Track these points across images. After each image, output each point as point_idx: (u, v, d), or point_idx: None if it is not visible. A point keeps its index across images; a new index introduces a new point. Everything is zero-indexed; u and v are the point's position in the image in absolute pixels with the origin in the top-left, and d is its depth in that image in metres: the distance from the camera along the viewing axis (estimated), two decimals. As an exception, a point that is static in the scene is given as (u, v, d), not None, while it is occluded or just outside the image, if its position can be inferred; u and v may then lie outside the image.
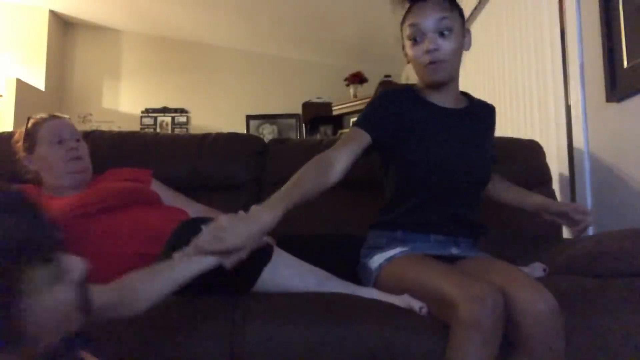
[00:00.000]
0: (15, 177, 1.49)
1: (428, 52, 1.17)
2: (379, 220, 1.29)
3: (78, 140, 1.46)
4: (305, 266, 1.15)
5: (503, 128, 2.51)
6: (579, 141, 1.75)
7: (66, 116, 1.53)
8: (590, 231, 1.67)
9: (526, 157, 1.77)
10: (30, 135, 1.44)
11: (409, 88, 1.32)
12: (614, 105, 1.56)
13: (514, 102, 2.41)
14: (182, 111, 5.21)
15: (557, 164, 1.91)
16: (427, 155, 1.21)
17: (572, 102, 1.82)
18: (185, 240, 0.99)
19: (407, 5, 1.24)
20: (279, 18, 4.29)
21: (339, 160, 1.16)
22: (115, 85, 5.21)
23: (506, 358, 0.95)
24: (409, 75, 4.83)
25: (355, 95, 4.34)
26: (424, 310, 1.03)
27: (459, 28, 1.20)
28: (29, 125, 1.46)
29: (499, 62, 2.60)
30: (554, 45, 1.99)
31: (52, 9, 4.79)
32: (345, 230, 1.58)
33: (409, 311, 1.04)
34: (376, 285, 1.18)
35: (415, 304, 1.04)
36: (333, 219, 1.65)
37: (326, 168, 1.14)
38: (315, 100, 4.59)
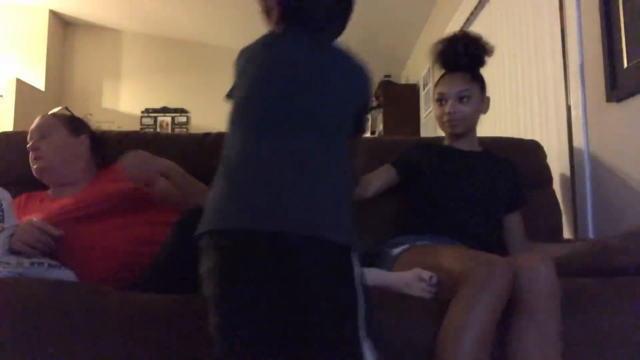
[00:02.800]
0: (19, 176, 1.49)
1: (448, 114, 1.50)
2: (406, 222, 1.49)
3: (42, 138, 1.41)
4: None
5: (503, 128, 2.51)
6: (579, 141, 1.75)
7: (57, 109, 1.51)
8: (591, 231, 1.67)
9: (526, 157, 1.77)
10: None
11: (431, 143, 1.63)
12: (614, 105, 1.56)
13: (514, 102, 2.41)
14: (182, 111, 5.21)
15: (557, 164, 1.91)
16: (445, 186, 1.46)
17: (572, 102, 1.82)
18: (192, 226, 1.01)
19: (442, 72, 1.57)
20: (279, 18, 4.28)
21: (375, 182, 1.51)
22: (115, 85, 5.21)
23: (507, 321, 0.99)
24: (408, 76, 4.83)
25: (355, 95, 4.34)
26: (434, 280, 1.09)
27: (477, 95, 1.51)
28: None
29: (499, 62, 2.60)
30: (554, 45, 1.99)
31: (52, 9, 4.80)
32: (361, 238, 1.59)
33: (412, 297, 1.06)
34: (392, 269, 1.27)
35: (425, 274, 1.09)
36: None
37: (365, 182, 1.48)
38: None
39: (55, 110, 1.51)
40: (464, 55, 1.50)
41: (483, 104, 1.54)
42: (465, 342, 0.91)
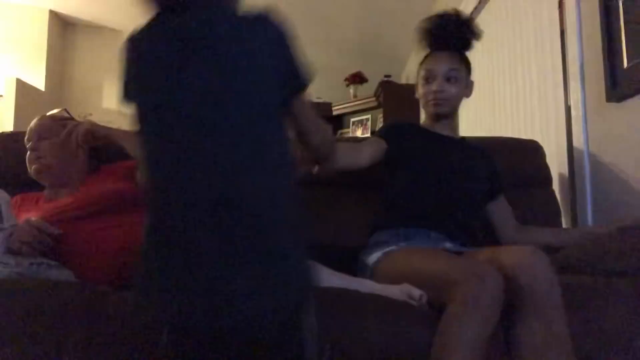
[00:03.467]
0: (18, 176, 1.48)
1: (435, 92, 1.46)
2: (378, 222, 1.42)
3: (41, 140, 1.42)
4: None
5: (503, 128, 2.51)
6: (579, 141, 1.75)
7: (56, 110, 1.51)
8: (590, 231, 1.67)
9: (526, 157, 1.77)
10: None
11: (415, 124, 1.60)
12: (614, 105, 1.56)
13: (514, 102, 2.41)
14: (182, 111, 5.21)
15: (557, 164, 1.91)
16: (425, 167, 1.43)
17: (572, 102, 1.81)
18: None
19: (427, 50, 1.52)
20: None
21: (367, 151, 1.45)
22: (116, 85, 5.21)
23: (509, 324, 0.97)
24: (409, 76, 4.83)
25: (355, 96, 4.34)
26: (424, 299, 1.05)
27: (463, 78, 1.49)
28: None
29: (499, 62, 2.60)
30: (554, 45, 1.99)
31: (52, 9, 4.79)
32: (348, 230, 1.58)
33: (407, 304, 1.04)
34: (373, 279, 1.21)
35: (415, 292, 1.05)
36: (335, 219, 1.65)
37: (358, 151, 1.42)
38: (315, 100, 4.59)
39: (55, 111, 1.51)
40: (454, 35, 1.47)
41: (467, 88, 1.52)
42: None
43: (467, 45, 1.51)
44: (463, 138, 1.59)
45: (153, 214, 0.72)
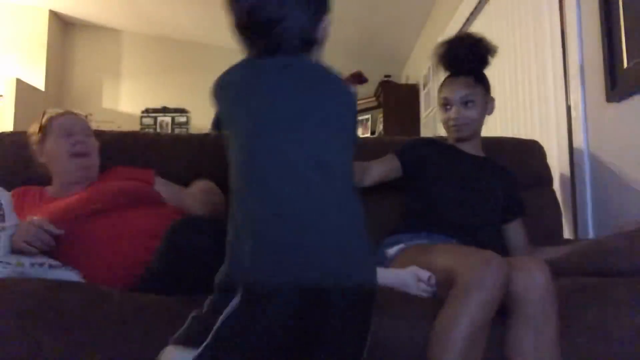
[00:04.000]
0: (18, 176, 1.49)
1: (453, 119, 1.50)
2: (402, 222, 1.46)
3: (89, 136, 1.47)
4: None
5: (503, 128, 2.51)
6: (579, 141, 1.75)
7: (83, 114, 1.56)
8: (591, 231, 1.67)
9: (526, 157, 1.77)
10: (43, 128, 1.45)
11: (436, 140, 1.63)
12: (614, 105, 1.56)
13: (514, 102, 2.41)
14: (182, 111, 5.21)
15: (557, 164, 1.91)
16: (444, 185, 1.46)
17: (572, 102, 1.82)
18: (179, 238, 1.03)
19: (445, 74, 1.56)
20: (279, 18, 4.28)
21: (374, 170, 1.49)
22: (115, 85, 5.21)
23: (505, 330, 0.98)
24: (408, 76, 4.83)
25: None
26: (433, 280, 1.07)
27: (481, 99, 1.50)
28: (44, 118, 1.47)
29: (499, 62, 2.60)
30: (554, 45, 1.99)
31: (52, 9, 4.79)
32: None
33: (410, 298, 1.04)
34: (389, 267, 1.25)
35: (424, 274, 1.07)
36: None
37: (363, 170, 1.45)
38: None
39: (79, 113, 1.55)
40: (467, 58, 1.49)
41: (488, 105, 1.54)
42: (455, 339, 0.91)
43: (482, 64, 1.52)
44: (488, 156, 1.59)
45: (259, 193, 0.80)
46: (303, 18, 0.90)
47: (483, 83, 1.52)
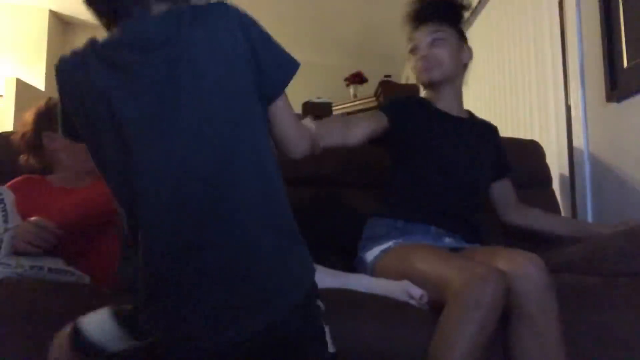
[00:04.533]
0: (17, 169, 1.47)
1: (420, 58, 1.37)
2: (380, 208, 1.36)
3: None
4: None
5: (503, 128, 2.50)
6: (579, 141, 1.75)
7: None
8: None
9: (526, 157, 1.77)
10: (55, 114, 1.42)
11: (421, 98, 1.48)
12: (614, 105, 1.56)
13: (514, 102, 2.41)
14: (182, 111, 5.21)
15: (557, 164, 1.91)
16: (430, 153, 1.35)
17: (572, 102, 1.82)
18: None
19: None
20: (279, 18, 4.28)
21: (360, 127, 1.30)
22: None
23: (506, 330, 0.96)
24: (409, 76, 4.83)
25: (355, 96, 4.34)
26: (425, 299, 1.03)
27: (454, 41, 1.38)
28: (52, 103, 1.41)
29: (499, 62, 2.60)
30: (554, 45, 1.99)
31: (52, 9, 4.79)
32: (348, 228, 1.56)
33: (404, 305, 1.03)
34: (375, 267, 1.20)
35: (415, 292, 1.03)
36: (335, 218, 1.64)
37: (349, 127, 1.29)
38: (315, 100, 4.58)
39: None
40: (434, 5, 1.37)
41: (463, 53, 1.41)
42: None
43: (453, 15, 1.40)
44: (471, 115, 1.50)
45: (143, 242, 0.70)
46: None
47: (456, 28, 1.40)
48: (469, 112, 1.51)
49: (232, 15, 0.72)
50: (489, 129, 1.51)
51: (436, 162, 1.34)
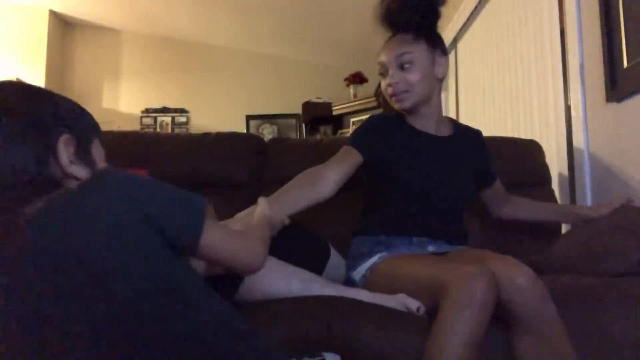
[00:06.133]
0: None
1: (389, 85, 1.27)
2: (361, 226, 1.34)
3: None
4: (289, 268, 1.09)
5: (503, 128, 2.51)
6: (579, 141, 1.75)
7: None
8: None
9: (526, 157, 1.77)
10: None
11: (397, 114, 1.38)
12: (614, 105, 1.56)
13: (514, 102, 2.41)
14: (182, 111, 5.21)
15: (557, 164, 1.91)
16: (408, 176, 1.28)
17: (572, 102, 1.82)
18: None
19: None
20: (279, 18, 4.28)
21: (331, 174, 1.21)
22: (115, 85, 5.21)
23: (509, 339, 0.96)
24: (409, 76, 4.82)
25: (355, 95, 4.34)
26: (422, 310, 1.02)
27: (423, 59, 1.26)
28: None
29: (499, 62, 2.60)
30: (554, 45, 1.99)
31: (52, 9, 4.79)
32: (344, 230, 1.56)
33: (402, 312, 1.03)
34: (367, 280, 1.19)
35: (412, 304, 1.03)
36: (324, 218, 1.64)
37: (317, 180, 1.19)
38: (315, 100, 4.59)
39: None
40: (400, 10, 1.25)
41: (436, 66, 1.28)
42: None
43: (424, 20, 1.26)
44: (454, 125, 1.41)
45: None
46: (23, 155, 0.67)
47: (427, 39, 1.26)
48: (452, 122, 1.43)
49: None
50: (473, 137, 1.44)
51: (414, 183, 1.27)
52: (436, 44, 1.29)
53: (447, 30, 3.29)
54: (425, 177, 1.28)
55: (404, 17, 1.25)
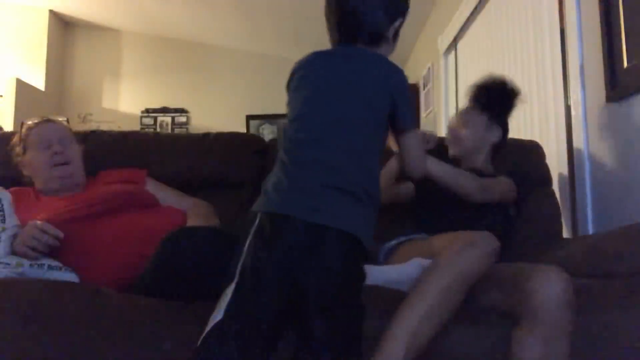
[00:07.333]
0: (14, 178, 1.49)
1: (449, 132, 1.62)
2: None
3: (69, 143, 1.46)
4: None
5: (503, 128, 2.51)
6: (579, 141, 1.75)
7: (61, 119, 1.54)
8: (590, 231, 1.67)
9: (526, 157, 1.77)
10: (23, 140, 1.45)
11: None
12: (614, 105, 1.56)
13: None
14: (182, 111, 5.21)
15: (557, 164, 1.91)
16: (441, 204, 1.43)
17: (572, 102, 1.81)
18: (172, 250, 1.04)
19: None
20: (279, 18, 4.28)
21: (406, 187, 1.55)
22: (115, 85, 5.21)
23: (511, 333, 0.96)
24: (408, 76, 4.82)
25: (355, 96, 4.34)
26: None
27: (480, 121, 1.57)
28: (23, 129, 1.47)
29: (499, 62, 2.60)
30: (554, 45, 1.99)
31: (52, 9, 4.79)
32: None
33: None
34: (387, 261, 1.30)
35: (427, 263, 1.08)
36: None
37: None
38: (315, 100, 4.59)
39: (61, 119, 1.54)
40: (495, 101, 1.55)
41: (491, 132, 1.55)
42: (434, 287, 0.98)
43: (494, 106, 1.56)
44: (488, 173, 1.54)
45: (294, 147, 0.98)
46: (379, 15, 1.11)
47: (489, 112, 1.55)
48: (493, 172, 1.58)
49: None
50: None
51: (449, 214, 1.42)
52: (494, 117, 1.57)
53: (446, 30, 3.29)
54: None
55: (497, 106, 1.56)
